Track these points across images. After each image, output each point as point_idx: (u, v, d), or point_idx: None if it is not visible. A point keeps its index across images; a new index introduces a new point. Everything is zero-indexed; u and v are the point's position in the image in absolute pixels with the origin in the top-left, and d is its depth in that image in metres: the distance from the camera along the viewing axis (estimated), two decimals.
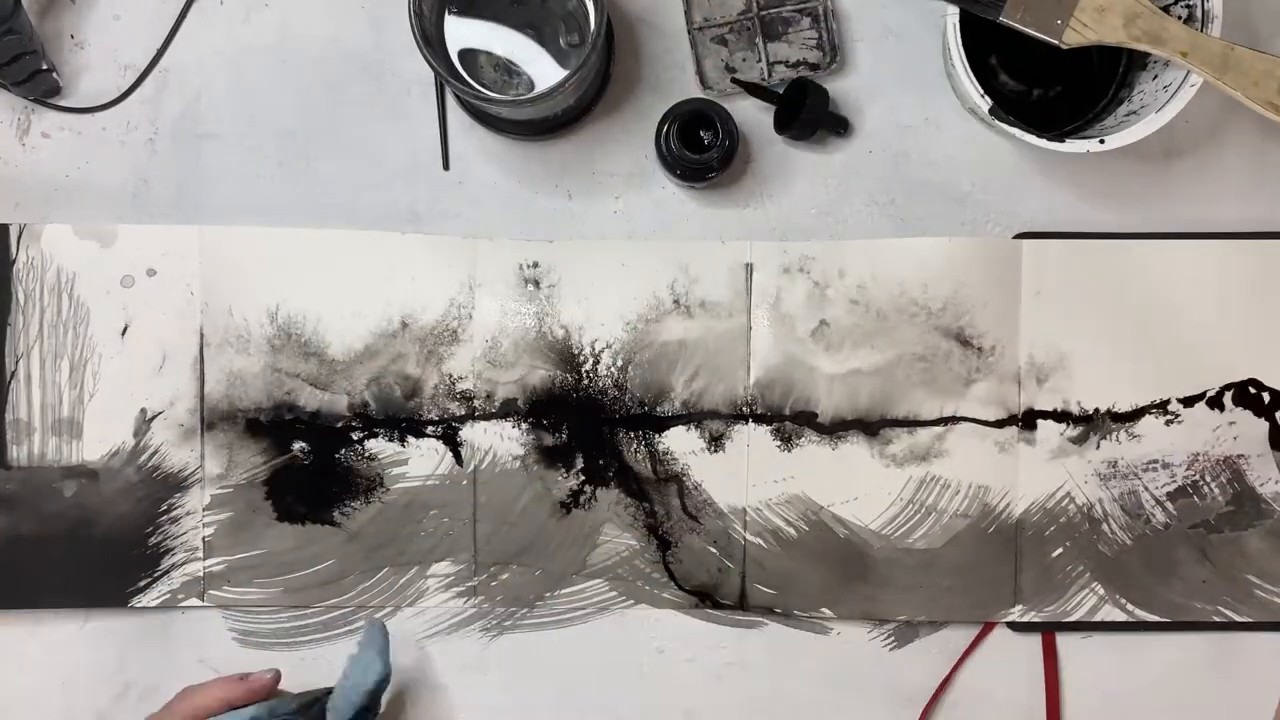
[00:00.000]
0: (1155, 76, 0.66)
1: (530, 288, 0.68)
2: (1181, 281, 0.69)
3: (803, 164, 0.70)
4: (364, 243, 0.68)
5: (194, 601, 0.68)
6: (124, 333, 0.68)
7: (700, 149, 0.66)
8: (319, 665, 0.70)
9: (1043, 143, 0.63)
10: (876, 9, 0.70)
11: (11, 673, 0.70)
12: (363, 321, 0.68)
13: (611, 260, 0.68)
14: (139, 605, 0.68)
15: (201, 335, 0.68)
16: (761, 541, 0.68)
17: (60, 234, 0.68)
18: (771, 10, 0.69)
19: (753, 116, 0.70)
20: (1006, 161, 0.70)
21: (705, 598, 0.69)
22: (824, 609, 0.69)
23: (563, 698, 0.70)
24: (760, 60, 0.69)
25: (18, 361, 0.68)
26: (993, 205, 0.70)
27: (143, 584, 0.68)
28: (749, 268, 0.68)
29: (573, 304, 0.68)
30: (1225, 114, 0.71)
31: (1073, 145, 0.63)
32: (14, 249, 0.68)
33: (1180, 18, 0.64)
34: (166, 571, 0.68)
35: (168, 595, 0.68)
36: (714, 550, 0.68)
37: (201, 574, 0.68)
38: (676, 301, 0.68)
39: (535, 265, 0.68)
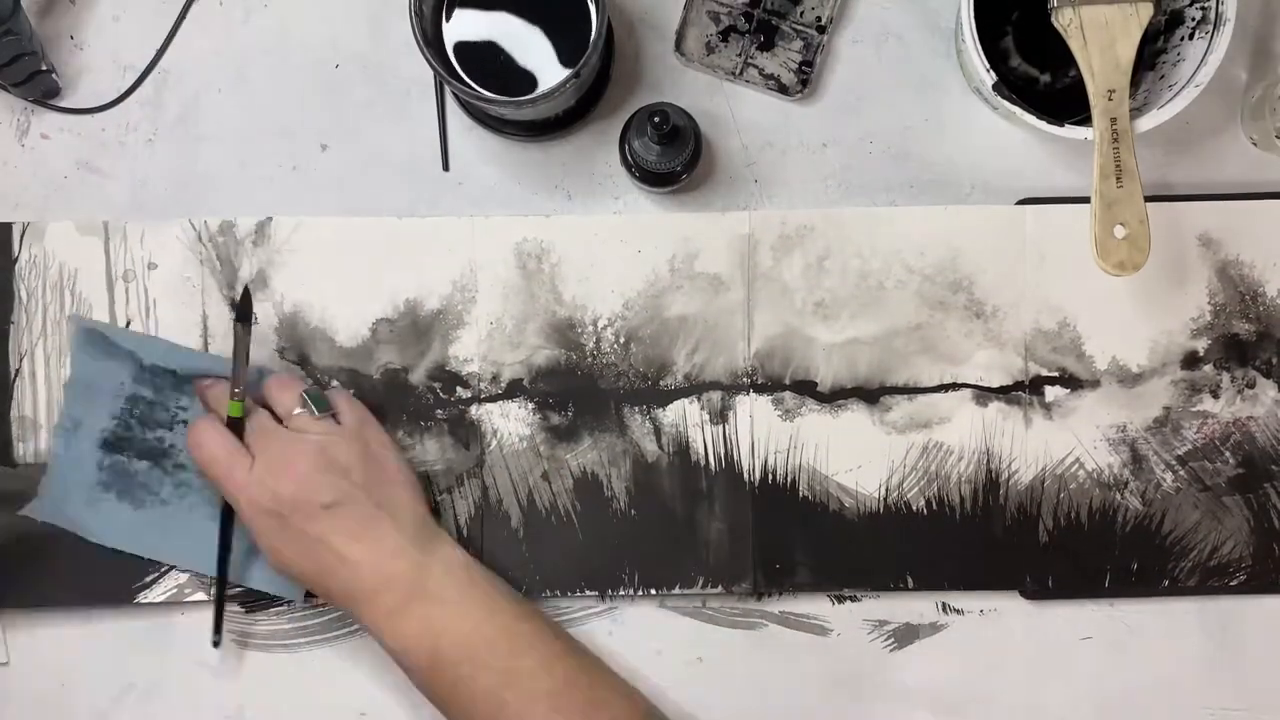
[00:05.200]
0: (1162, 76, 0.74)
1: (531, 266, 0.77)
2: (1185, 243, 0.77)
3: (802, 165, 0.78)
4: (363, 229, 0.77)
5: (200, 596, 0.76)
6: (127, 327, 0.76)
7: (663, 149, 0.71)
8: (315, 666, 0.77)
9: (1042, 124, 0.70)
10: (876, 9, 0.78)
11: (11, 672, 0.77)
12: (368, 308, 0.77)
13: (611, 237, 0.77)
14: (145, 601, 0.76)
15: (205, 327, 0.77)
16: (770, 515, 0.77)
17: (62, 231, 0.76)
18: (777, 16, 0.76)
19: (753, 116, 0.78)
20: (1007, 164, 0.78)
21: (716, 580, 0.76)
22: (837, 583, 0.77)
23: None
24: (740, 54, 0.77)
25: (22, 359, 0.76)
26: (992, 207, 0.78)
27: (149, 579, 0.76)
28: (748, 239, 0.77)
29: (574, 283, 0.77)
30: (1227, 116, 0.78)
31: (1071, 130, 0.71)
32: (16, 247, 0.76)
33: (1194, 20, 0.72)
34: (173, 566, 0.76)
35: (174, 590, 0.76)
36: (723, 525, 0.77)
37: None
38: (676, 276, 0.77)
39: (535, 244, 0.76)
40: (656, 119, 0.70)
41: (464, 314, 0.77)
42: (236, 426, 0.71)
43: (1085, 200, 0.76)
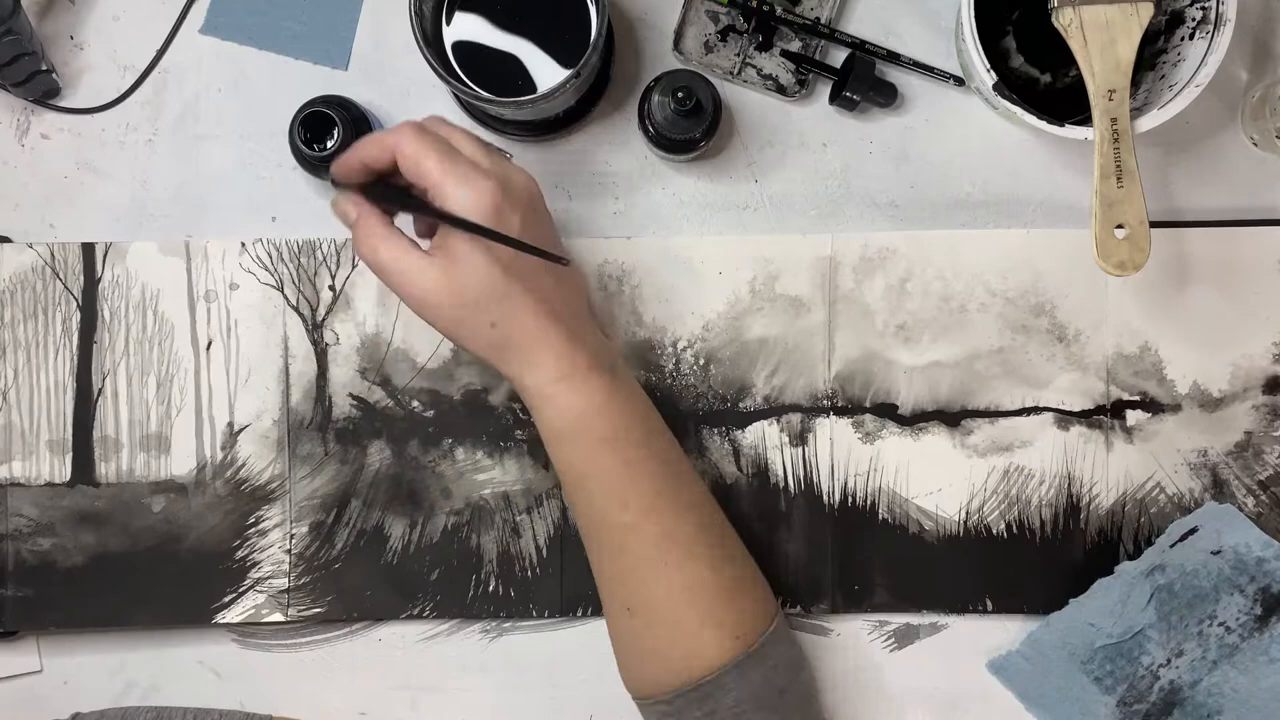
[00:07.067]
0: (1162, 76, 0.75)
1: (612, 288, 0.78)
2: (1266, 266, 0.78)
3: (803, 165, 0.79)
4: None
5: (277, 616, 0.78)
6: (209, 347, 0.78)
7: (683, 120, 0.74)
8: (315, 666, 0.79)
9: (1042, 124, 0.72)
10: (876, 9, 0.79)
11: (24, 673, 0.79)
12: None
13: (691, 258, 0.78)
14: (222, 621, 0.78)
15: (286, 347, 0.79)
16: (849, 537, 0.78)
17: (144, 251, 0.78)
18: (777, 20, 0.77)
19: (755, 115, 0.79)
20: (1007, 165, 0.79)
21: (795, 600, 0.78)
22: (915, 605, 0.78)
23: (562, 698, 0.79)
24: (738, 54, 0.78)
25: (104, 379, 0.79)
26: (992, 208, 0.79)
27: (227, 599, 0.78)
28: (829, 261, 0.78)
29: (654, 304, 0.78)
30: (1227, 116, 0.79)
31: (1071, 130, 0.72)
32: (100, 268, 0.78)
33: (1194, 20, 0.73)
34: (252, 586, 0.78)
35: (251, 610, 0.78)
36: (802, 546, 0.78)
37: (287, 587, 0.78)
38: (756, 298, 0.78)
39: (616, 266, 0.78)
40: (680, 94, 0.72)
41: None
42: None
43: (1166, 224, 0.78)
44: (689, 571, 0.67)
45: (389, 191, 0.66)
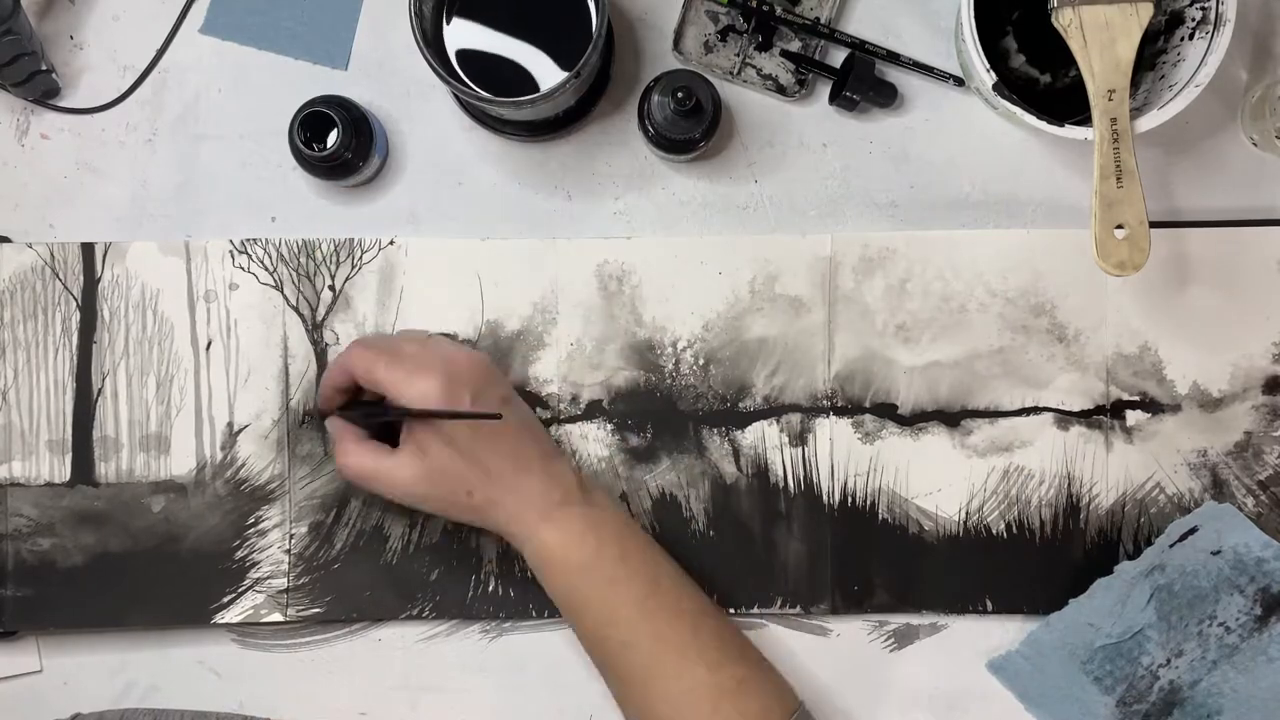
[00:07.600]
0: (1162, 76, 0.75)
1: (612, 288, 0.79)
2: (1265, 267, 0.78)
3: (803, 165, 0.80)
4: (444, 250, 0.79)
5: (276, 616, 0.78)
6: (208, 347, 0.79)
7: (683, 120, 0.74)
8: (315, 666, 0.79)
9: (1042, 124, 0.72)
10: (876, 9, 0.80)
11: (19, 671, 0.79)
12: (449, 329, 0.79)
13: (691, 258, 0.78)
14: (221, 621, 0.78)
15: (286, 347, 0.79)
16: (849, 537, 0.78)
17: (144, 251, 0.78)
18: (777, 20, 0.78)
19: (755, 115, 0.79)
20: (1007, 165, 0.79)
21: (794, 601, 0.78)
22: (915, 605, 0.78)
23: (562, 698, 0.79)
24: (738, 54, 0.79)
25: (104, 379, 0.79)
26: (992, 208, 0.79)
27: (227, 599, 0.78)
28: (829, 261, 0.78)
29: (654, 304, 0.78)
30: (1227, 116, 0.80)
31: (1071, 130, 0.72)
32: (99, 267, 0.79)
33: (1194, 20, 0.74)
34: (251, 586, 0.78)
35: (251, 610, 0.78)
36: (802, 547, 0.78)
37: (286, 587, 0.78)
38: (756, 298, 0.78)
39: (616, 265, 0.78)
40: (679, 94, 0.72)
41: (544, 335, 0.79)
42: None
43: (1165, 224, 0.78)
44: (687, 676, 0.69)
45: (357, 409, 0.74)
